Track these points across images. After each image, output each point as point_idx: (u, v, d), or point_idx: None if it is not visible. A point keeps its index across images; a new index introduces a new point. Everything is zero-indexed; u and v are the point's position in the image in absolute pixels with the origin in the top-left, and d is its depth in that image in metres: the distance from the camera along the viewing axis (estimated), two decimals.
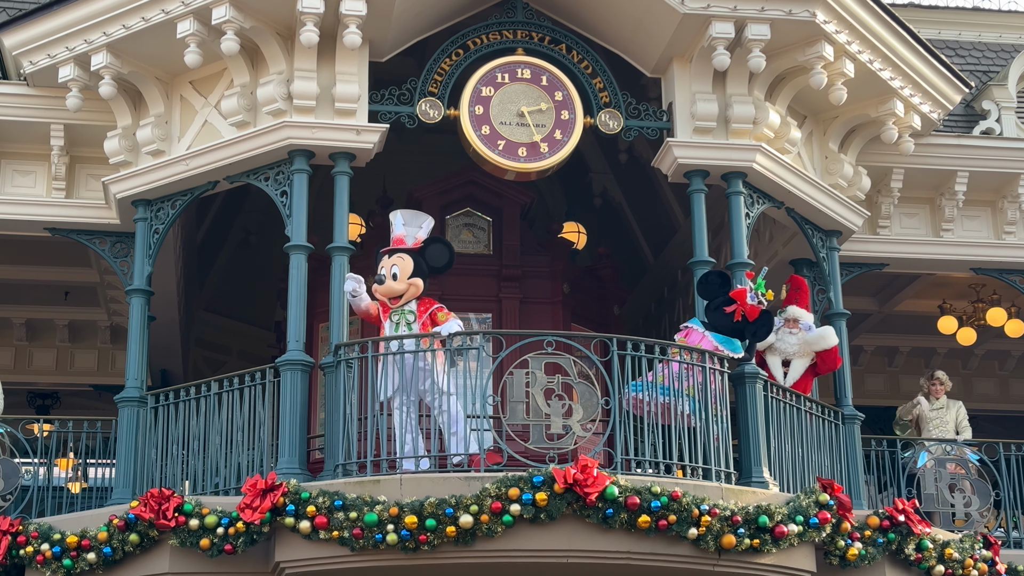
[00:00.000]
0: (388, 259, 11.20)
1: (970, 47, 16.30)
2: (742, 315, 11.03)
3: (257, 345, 17.02)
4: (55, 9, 11.73)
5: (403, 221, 11.40)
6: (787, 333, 12.33)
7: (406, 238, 11.33)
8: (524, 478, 10.01)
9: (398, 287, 11.12)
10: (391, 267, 11.13)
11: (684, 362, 10.94)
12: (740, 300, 11.03)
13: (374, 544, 9.96)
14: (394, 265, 11.13)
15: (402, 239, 11.32)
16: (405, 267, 11.12)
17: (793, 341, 12.30)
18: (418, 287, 11.16)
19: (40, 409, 18.17)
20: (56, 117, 12.47)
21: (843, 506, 10.90)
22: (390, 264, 11.15)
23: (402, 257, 11.17)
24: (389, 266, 11.15)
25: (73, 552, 10.63)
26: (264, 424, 11.03)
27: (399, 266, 11.12)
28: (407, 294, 11.13)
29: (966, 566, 11.69)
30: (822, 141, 13.21)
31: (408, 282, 11.13)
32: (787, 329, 12.33)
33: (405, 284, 11.13)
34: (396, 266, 11.12)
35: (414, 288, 11.14)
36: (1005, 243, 14.24)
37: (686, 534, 10.17)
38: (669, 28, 11.82)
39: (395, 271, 11.10)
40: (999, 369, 18.32)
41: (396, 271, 11.10)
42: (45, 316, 16.57)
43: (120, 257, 12.56)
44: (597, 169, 16.37)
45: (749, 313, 11.01)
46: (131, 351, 11.91)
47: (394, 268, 11.12)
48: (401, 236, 11.34)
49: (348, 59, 11.59)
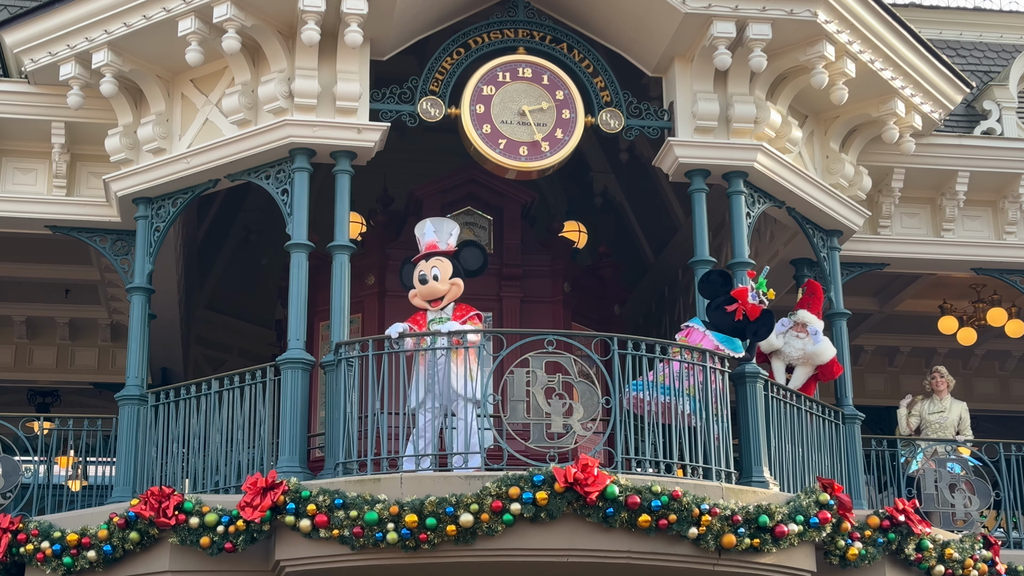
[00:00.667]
0: (426, 262, 11.25)
1: (971, 47, 16.30)
2: (743, 314, 11.01)
3: (258, 343, 17.02)
4: (56, 7, 11.72)
5: (433, 228, 11.49)
6: (794, 337, 12.33)
7: (439, 243, 11.39)
8: (524, 477, 10.01)
9: (441, 287, 11.20)
10: (431, 269, 11.18)
11: (685, 361, 10.94)
12: (741, 299, 11.02)
13: (374, 543, 9.96)
14: (434, 267, 11.19)
15: (435, 244, 11.40)
16: (445, 268, 11.21)
17: (798, 346, 12.31)
18: (460, 287, 11.25)
19: (40, 407, 18.18)
20: (57, 115, 12.47)
21: (843, 506, 10.90)
22: (430, 267, 11.21)
23: (441, 260, 11.27)
24: (429, 268, 11.21)
25: (73, 550, 10.63)
26: (264, 422, 11.03)
27: (439, 268, 11.20)
28: (449, 294, 11.21)
29: (966, 566, 11.69)
30: (823, 141, 13.21)
31: (450, 282, 11.21)
32: (795, 333, 12.33)
33: (447, 284, 11.21)
34: (436, 268, 11.18)
35: (456, 288, 11.25)
36: (1006, 243, 14.24)
37: (686, 533, 10.17)
38: (670, 27, 11.82)
39: (436, 273, 11.16)
40: (999, 369, 18.33)
41: (437, 272, 11.16)
42: (46, 314, 16.58)
43: (121, 255, 12.56)
44: (598, 168, 16.37)
45: (750, 312, 10.99)
46: (131, 349, 11.91)
47: (435, 270, 11.18)
48: (434, 242, 11.42)
49: (349, 57, 11.59)
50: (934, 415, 14.17)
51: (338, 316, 11.18)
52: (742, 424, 11.38)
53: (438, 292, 11.19)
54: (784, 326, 12.42)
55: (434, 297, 11.20)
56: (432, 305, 11.22)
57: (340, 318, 11.18)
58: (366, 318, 13.26)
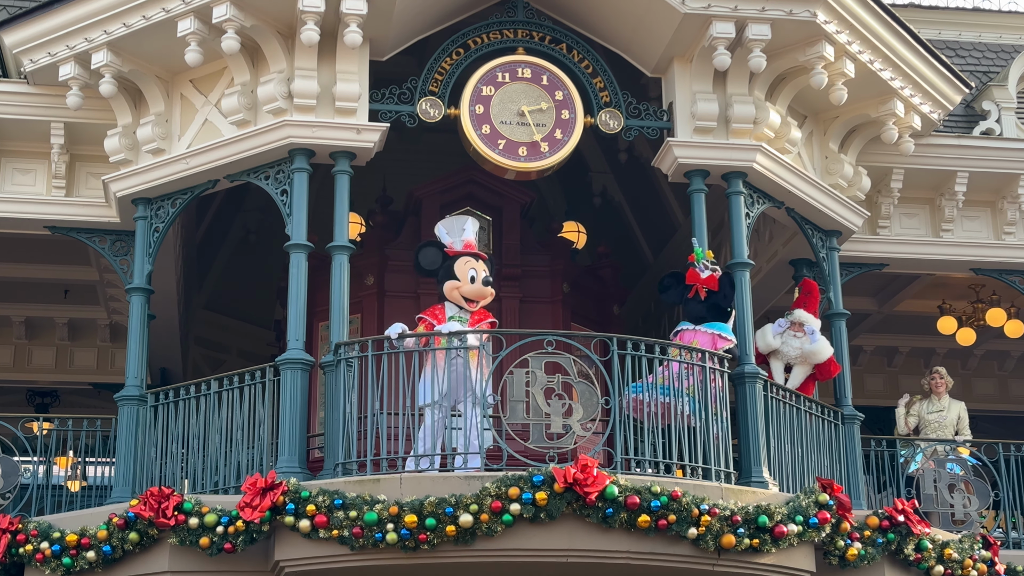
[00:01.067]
0: (476, 262, 11.24)
1: (970, 47, 16.31)
2: (707, 291, 11.37)
3: (257, 344, 17.02)
4: (56, 7, 11.72)
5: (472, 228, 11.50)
6: (791, 336, 12.34)
7: (475, 246, 11.42)
8: (524, 477, 10.01)
9: (488, 292, 11.23)
10: (482, 271, 11.20)
11: (684, 362, 10.94)
12: (695, 280, 11.33)
13: (374, 543, 9.96)
14: (485, 270, 11.22)
15: (473, 245, 11.43)
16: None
17: (796, 345, 12.32)
18: (493, 295, 11.26)
19: (39, 407, 18.18)
20: (56, 115, 12.46)
21: (843, 506, 10.91)
22: (482, 267, 11.22)
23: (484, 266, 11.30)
24: (481, 269, 11.21)
25: (72, 550, 10.62)
26: (264, 423, 11.03)
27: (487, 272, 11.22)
28: (487, 299, 11.22)
29: (965, 566, 11.70)
30: (822, 141, 13.21)
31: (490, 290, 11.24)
32: (792, 332, 12.34)
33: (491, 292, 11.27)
34: (485, 272, 11.21)
35: (492, 296, 11.23)
36: (1005, 243, 14.24)
37: (686, 534, 10.18)
38: (670, 28, 11.82)
39: (485, 276, 11.17)
40: (998, 369, 18.33)
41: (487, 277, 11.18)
42: (45, 314, 16.58)
43: (120, 255, 12.56)
44: (597, 168, 16.37)
45: (709, 284, 11.32)
46: (131, 349, 11.91)
47: (484, 273, 11.19)
48: (472, 242, 11.45)
49: (349, 58, 11.58)
50: (933, 415, 14.18)
51: (337, 316, 11.18)
52: (741, 424, 11.39)
53: (486, 296, 11.21)
54: (781, 326, 12.42)
55: (480, 299, 11.19)
56: (468, 305, 11.20)
57: (339, 318, 11.17)
58: (365, 318, 13.26)
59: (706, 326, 11.36)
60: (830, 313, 13.04)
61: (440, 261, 11.33)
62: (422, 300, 12.64)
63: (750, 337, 11.73)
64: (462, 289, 11.15)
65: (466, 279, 11.15)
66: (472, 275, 11.15)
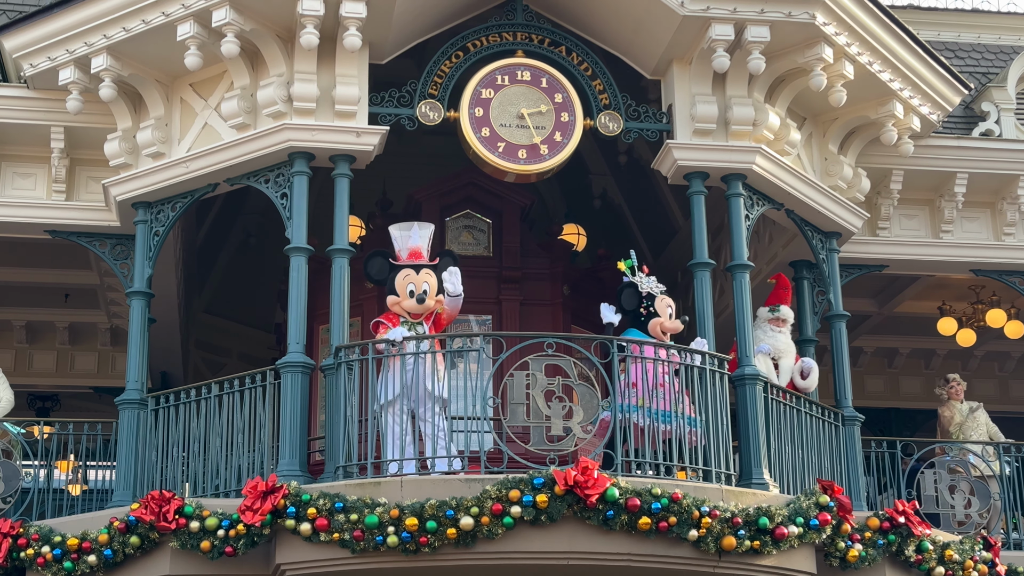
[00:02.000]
0: (417, 275, 11.16)
1: (969, 49, 16.31)
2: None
3: (257, 347, 17.03)
4: (55, 12, 11.74)
5: (417, 234, 11.39)
6: (775, 332, 12.35)
7: (423, 251, 11.33)
8: (525, 480, 10.01)
9: (432, 304, 11.13)
10: (422, 285, 11.10)
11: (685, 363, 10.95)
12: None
13: (375, 546, 9.97)
14: (425, 283, 11.10)
15: (420, 252, 11.32)
16: (433, 284, 11.15)
17: (785, 340, 12.33)
18: (440, 303, 11.17)
19: (40, 411, 18.18)
20: (56, 119, 12.47)
21: (843, 508, 10.91)
22: (421, 281, 11.12)
23: (430, 274, 11.18)
24: (420, 283, 11.11)
25: (74, 554, 10.63)
26: (265, 426, 11.03)
27: (430, 283, 11.13)
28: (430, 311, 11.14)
29: (966, 567, 11.70)
30: (822, 143, 13.22)
31: (437, 299, 11.17)
32: (774, 328, 12.35)
33: (434, 301, 11.16)
34: (427, 284, 11.11)
35: (439, 305, 11.16)
36: (1005, 244, 14.25)
37: (686, 536, 10.18)
38: (669, 30, 11.83)
39: (425, 288, 11.09)
40: (999, 370, 18.33)
41: (427, 288, 11.10)
42: (45, 318, 16.58)
43: (120, 259, 12.57)
44: (597, 171, 16.37)
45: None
46: (131, 353, 11.91)
47: (425, 285, 11.09)
48: (419, 248, 11.33)
49: (348, 61, 11.59)
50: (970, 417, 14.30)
51: (338, 319, 11.18)
52: (742, 426, 11.39)
53: (428, 310, 11.14)
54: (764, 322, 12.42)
55: (421, 314, 11.14)
56: (413, 318, 11.15)
57: (340, 321, 11.17)
58: (365, 321, 13.24)
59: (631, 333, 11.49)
60: (830, 315, 13.05)
61: (387, 271, 11.27)
62: None
63: (750, 339, 11.74)
64: (402, 304, 11.12)
65: (404, 294, 11.12)
66: (411, 289, 11.10)
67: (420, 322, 11.10)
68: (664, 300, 11.75)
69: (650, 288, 11.79)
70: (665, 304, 11.72)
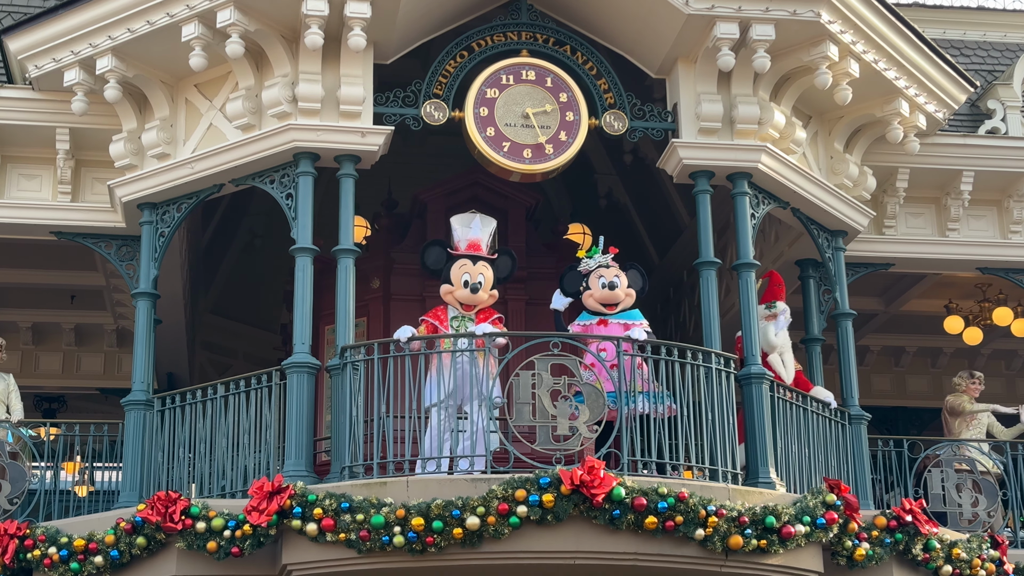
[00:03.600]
0: (474, 266, 11.14)
1: (975, 46, 16.29)
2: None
3: (263, 348, 17.03)
4: (60, 13, 11.74)
5: (479, 227, 11.39)
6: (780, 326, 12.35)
7: (483, 245, 11.32)
8: (531, 479, 10.01)
9: (484, 297, 11.13)
10: (477, 276, 11.09)
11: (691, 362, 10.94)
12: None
13: (381, 546, 9.97)
14: (481, 274, 11.09)
15: (479, 244, 11.31)
16: (489, 277, 11.17)
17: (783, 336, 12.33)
18: (495, 298, 11.17)
19: (47, 413, 18.20)
20: (61, 121, 12.48)
21: (850, 506, 10.90)
22: (477, 272, 11.11)
23: (486, 266, 11.19)
24: (476, 274, 11.10)
25: (80, 555, 10.63)
26: (270, 427, 11.04)
27: (485, 276, 11.12)
28: (482, 304, 11.13)
29: (973, 566, 11.68)
30: (827, 141, 13.20)
31: (490, 293, 11.16)
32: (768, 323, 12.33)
33: (487, 295, 11.14)
34: (482, 275, 11.09)
35: (491, 299, 11.15)
36: (1011, 242, 14.22)
37: (693, 535, 10.17)
38: (674, 29, 11.82)
39: (481, 279, 11.07)
40: (1006, 368, 18.29)
41: (483, 280, 11.08)
42: (51, 320, 16.59)
43: (126, 260, 12.57)
44: (602, 170, 16.36)
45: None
46: (137, 354, 11.92)
47: (480, 277, 11.08)
48: (478, 241, 11.32)
49: (353, 61, 11.59)
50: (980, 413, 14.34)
51: (343, 320, 11.18)
52: (748, 425, 11.38)
53: (481, 303, 11.12)
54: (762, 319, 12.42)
55: (475, 304, 11.13)
56: (464, 309, 11.16)
57: (345, 322, 11.17)
58: (371, 322, 13.27)
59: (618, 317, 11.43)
60: (836, 313, 13.03)
61: (443, 261, 11.30)
62: (427, 303, 12.62)
63: (756, 337, 11.72)
64: (455, 294, 11.12)
65: (459, 284, 11.12)
66: (466, 279, 11.10)
67: (471, 317, 11.09)
68: (598, 273, 11.57)
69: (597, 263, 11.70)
70: (597, 276, 11.55)
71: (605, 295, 11.59)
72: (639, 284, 11.83)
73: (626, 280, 11.73)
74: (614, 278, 11.65)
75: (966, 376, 14.59)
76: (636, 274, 11.88)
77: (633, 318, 11.52)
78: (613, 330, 11.31)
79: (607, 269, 11.72)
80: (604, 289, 11.58)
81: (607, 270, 11.70)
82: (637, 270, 11.89)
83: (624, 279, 11.71)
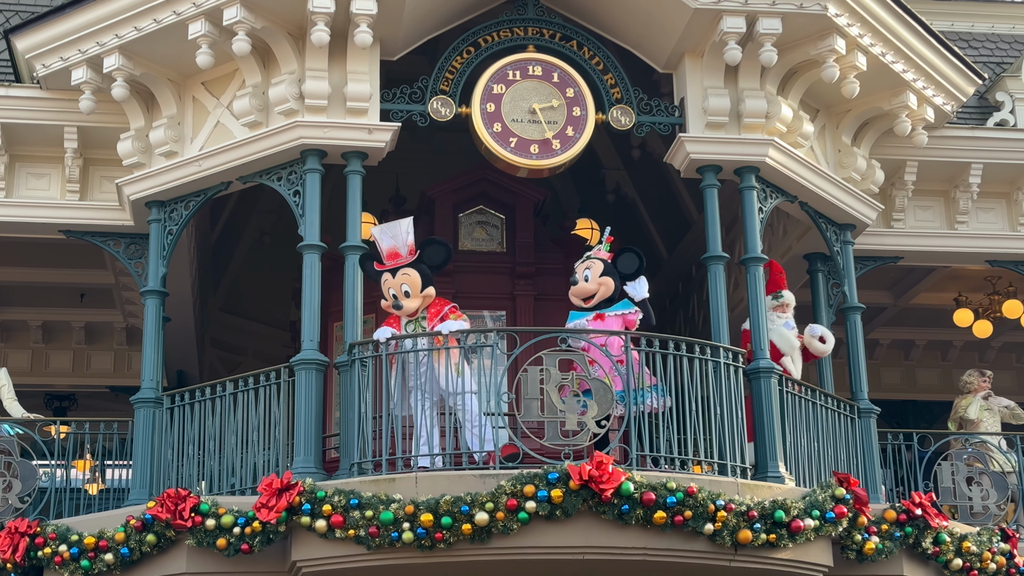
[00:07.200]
0: (393, 278, 11.13)
1: (983, 39, 16.26)
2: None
3: (272, 345, 17.05)
4: (67, 12, 11.76)
5: (389, 234, 11.30)
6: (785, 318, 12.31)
7: (399, 249, 11.27)
8: (539, 475, 10.01)
9: (414, 304, 11.09)
10: (400, 287, 11.07)
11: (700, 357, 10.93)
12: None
13: (390, 542, 9.98)
14: (402, 284, 11.07)
15: (396, 252, 11.27)
16: (414, 281, 11.09)
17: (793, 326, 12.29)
18: (431, 295, 11.14)
19: (57, 411, 18.26)
20: (69, 120, 12.50)
21: (859, 500, 10.89)
22: (398, 284, 11.08)
23: (407, 273, 11.11)
24: (398, 286, 11.07)
25: (91, 553, 10.66)
26: (279, 424, 11.06)
27: (407, 283, 11.07)
28: (422, 306, 11.12)
29: (984, 559, 11.66)
30: (835, 135, 13.18)
31: (422, 296, 11.12)
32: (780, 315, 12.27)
33: (419, 299, 11.11)
34: (404, 284, 11.07)
35: (428, 299, 11.13)
36: (1020, 235, 14.19)
37: (702, 530, 10.17)
38: (680, 23, 11.80)
39: (406, 289, 11.06)
40: (1016, 361, 18.27)
41: (407, 289, 11.06)
42: (61, 318, 16.64)
43: (134, 258, 12.60)
44: (610, 165, 16.35)
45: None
46: (146, 352, 11.94)
47: (404, 287, 11.06)
48: (393, 249, 11.28)
49: (359, 58, 11.60)
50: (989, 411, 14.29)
51: (351, 317, 11.19)
52: (757, 419, 11.37)
53: (411, 311, 11.11)
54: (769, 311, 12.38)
55: (408, 314, 11.14)
56: (409, 316, 11.15)
57: (353, 319, 11.19)
58: (379, 318, 13.25)
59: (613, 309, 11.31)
60: (845, 307, 13.01)
61: (378, 276, 11.26)
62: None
63: (764, 333, 11.70)
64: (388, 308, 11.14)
65: (389, 299, 11.13)
66: (395, 303, 11.08)
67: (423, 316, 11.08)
68: (385, 283, 11.21)
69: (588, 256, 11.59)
70: (386, 287, 11.21)
71: (572, 292, 11.49)
72: (633, 266, 11.50)
73: (598, 269, 11.44)
74: (585, 272, 11.50)
75: (976, 374, 14.54)
76: (631, 256, 11.57)
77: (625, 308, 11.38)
78: (610, 324, 11.25)
79: (580, 264, 11.62)
80: (579, 284, 11.46)
81: (580, 265, 11.61)
82: (633, 252, 11.63)
83: (595, 270, 11.45)
